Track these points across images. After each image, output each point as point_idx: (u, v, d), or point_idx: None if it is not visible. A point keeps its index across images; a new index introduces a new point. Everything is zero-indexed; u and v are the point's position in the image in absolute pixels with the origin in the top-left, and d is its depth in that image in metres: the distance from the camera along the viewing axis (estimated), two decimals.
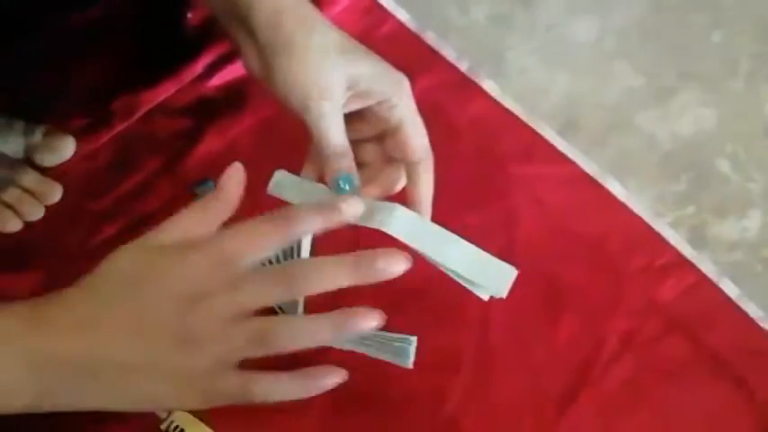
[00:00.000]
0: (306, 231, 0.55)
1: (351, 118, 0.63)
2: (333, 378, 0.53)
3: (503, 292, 0.61)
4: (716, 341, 0.75)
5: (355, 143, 0.64)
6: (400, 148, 0.63)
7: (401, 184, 0.66)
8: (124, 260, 0.54)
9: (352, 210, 0.56)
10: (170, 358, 0.51)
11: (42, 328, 0.51)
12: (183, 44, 0.87)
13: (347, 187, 0.62)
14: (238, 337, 0.51)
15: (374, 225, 0.60)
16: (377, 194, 0.65)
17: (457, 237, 0.61)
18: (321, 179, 0.64)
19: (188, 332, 0.50)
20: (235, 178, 0.59)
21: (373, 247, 0.54)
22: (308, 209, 0.55)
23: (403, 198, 0.64)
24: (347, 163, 0.61)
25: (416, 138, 0.63)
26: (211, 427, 0.69)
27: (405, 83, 0.62)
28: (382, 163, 0.66)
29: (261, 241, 0.53)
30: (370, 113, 0.63)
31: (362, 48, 0.62)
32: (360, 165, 0.64)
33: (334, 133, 0.60)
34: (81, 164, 0.82)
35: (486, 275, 0.61)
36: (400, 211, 0.60)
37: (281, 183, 0.66)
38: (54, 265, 0.77)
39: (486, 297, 0.60)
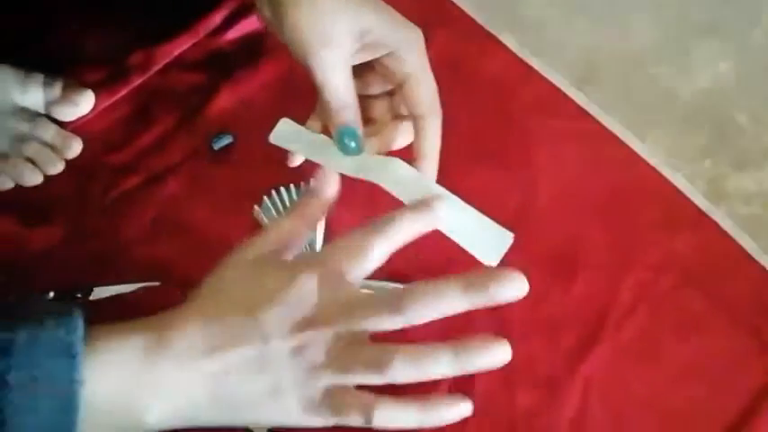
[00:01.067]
0: (406, 238, 0.54)
1: (361, 70, 0.63)
2: (458, 411, 0.52)
3: (495, 259, 0.59)
4: (732, 294, 0.75)
5: (365, 99, 0.64)
6: (406, 101, 0.63)
7: (403, 139, 0.65)
8: (231, 281, 0.53)
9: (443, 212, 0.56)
10: (290, 385, 0.51)
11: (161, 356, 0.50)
12: None
13: (352, 143, 0.61)
14: (355, 365, 0.51)
15: (370, 178, 0.60)
16: (376, 148, 0.64)
17: (455, 198, 0.60)
18: (326, 131, 0.63)
19: (304, 359, 0.50)
20: (328, 182, 0.58)
21: (392, 206, 0.54)
22: (405, 215, 0.54)
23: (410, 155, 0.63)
24: (351, 116, 0.60)
25: (422, 92, 0.62)
26: None
27: (417, 37, 0.62)
28: (392, 120, 0.66)
29: (365, 255, 0.53)
30: (380, 66, 0.63)
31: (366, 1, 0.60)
32: (368, 121, 0.64)
33: (339, 84, 0.59)
34: (99, 118, 0.82)
35: (480, 240, 0.59)
36: (396, 164, 0.60)
37: (284, 132, 0.65)
38: (74, 219, 0.77)
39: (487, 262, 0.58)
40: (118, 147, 0.81)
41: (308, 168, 0.63)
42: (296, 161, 0.65)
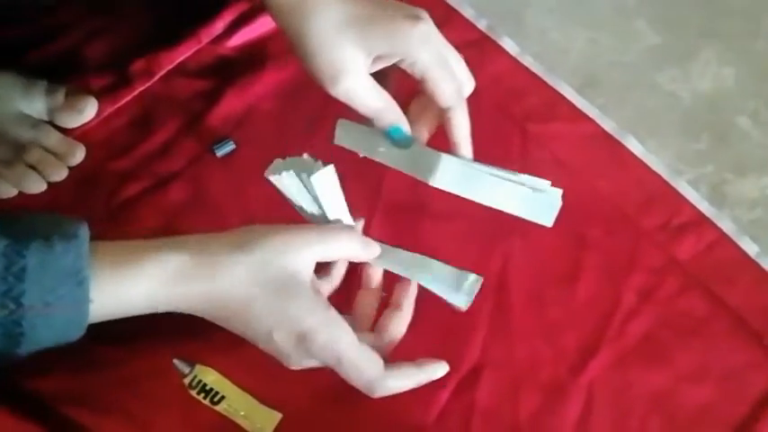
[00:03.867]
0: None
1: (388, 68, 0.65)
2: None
3: (550, 220, 0.66)
4: (735, 299, 0.75)
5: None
6: (429, 97, 0.65)
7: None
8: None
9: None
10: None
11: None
12: (202, 5, 0.87)
13: (401, 138, 0.66)
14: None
15: (419, 177, 0.66)
16: (426, 135, 0.68)
17: (499, 179, 0.66)
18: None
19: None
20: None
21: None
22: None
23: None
24: (390, 118, 0.65)
25: (440, 87, 0.64)
26: (231, 380, 0.70)
27: (419, 33, 0.62)
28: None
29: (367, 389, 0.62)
30: (401, 67, 0.65)
31: (366, 7, 0.63)
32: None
33: (365, 101, 0.63)
34: (102, 125, 0.82)
35: (535, 208, 0.66)
36: (444, 162, 0.65)
37: (344, 133, 0.70)
38: None
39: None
40: (121, 153, 0.81)
41: None
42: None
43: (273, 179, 0.64)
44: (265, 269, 0.58)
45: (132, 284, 0.57)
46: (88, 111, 0.81)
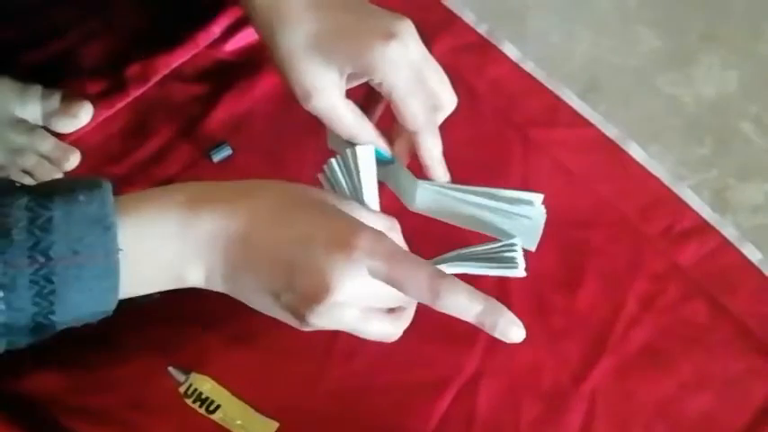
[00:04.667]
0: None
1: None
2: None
3: (533, 245, 0.64)
4: (737, 306, 0.74)
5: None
6: (399, 116, 0.63)
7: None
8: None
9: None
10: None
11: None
12: (199, 9, 0.87)
13: (378, 156, 0.64)
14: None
15: (401, 199, 0.66)
16: (406, 153, 0.66)
17: (477, 206, 0.64)
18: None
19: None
20: None
21: None
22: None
23: None
24: (365, 138, 0.63)
25: (407, 109, 0.62)
26: (227, 388, 0.69)
27: (390, 52, 0.60)
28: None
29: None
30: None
31: (340, 22, 0.61)
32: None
33: (338, 120, 0.62)
34: (98, 130, 0.81)
35: (517, 233, 0.64)
36: (420, 189, 0.64)
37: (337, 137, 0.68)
38: None
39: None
40: (117, 159, 0.80)
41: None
42: None
43: (325, 170, 0.63)
44: (301, 192, 0.57)
45: (161, 215, 0.55)
46: (83, 116, 0.80)
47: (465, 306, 0.54)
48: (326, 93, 0.61)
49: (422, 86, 0.62)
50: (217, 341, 0.59)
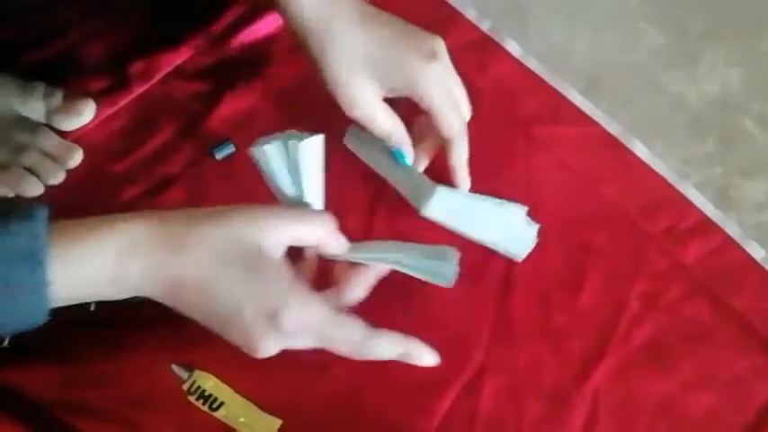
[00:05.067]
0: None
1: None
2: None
3: (523, 256, 0.74)
4: (741, 304, 0.74)
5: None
6: (437, 127, 0.70)
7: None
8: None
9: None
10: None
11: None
12: (200, 8, 0.86)
13: (403, 158, 0.73)
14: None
15: (412, 203, 0.73)
16: (425, 161, 0.75)
17: (486, 215, 0.73)
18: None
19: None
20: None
21: None
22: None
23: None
24: (395, 140, 0.72)
25: (446, 121, 0.69)
26: (231, 385, 0.69)
27: (432, 73, 0.68)
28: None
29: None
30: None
31: (385, 41, 0.68)
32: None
33: (378, 125, 0.70)
34: (100, 127, 0.81)
35: (514, 244, 0.74)
36: (437, 194, 0.71)
37: (353, 138, 0.78)
38: None
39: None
40: (119, 156, 0.80)
41: None
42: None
43: (256, 152, 0.64)
44: (235, 242, 0.56)
45: (92, 260, 0.54)
46: (86, 113, 0.80)
47: (387, 352, 0.59)
48: (370, 104, 0.69)
49: (454, 99, 0.70)
50: (220, 339, 0.59)
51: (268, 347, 0.57)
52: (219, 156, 0.79)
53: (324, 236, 0.62)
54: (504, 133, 0.81)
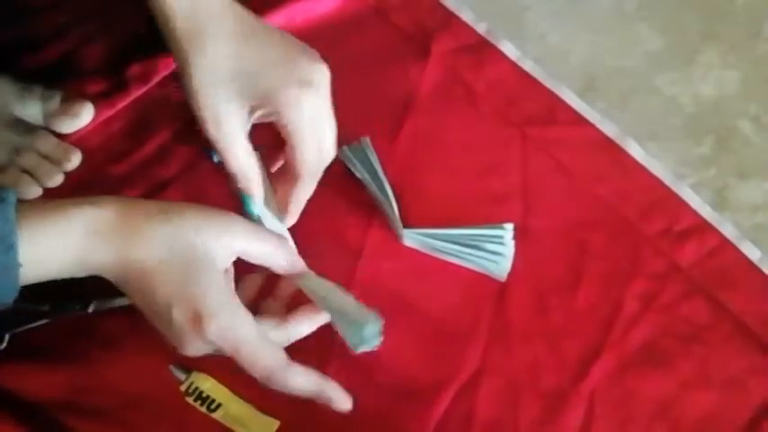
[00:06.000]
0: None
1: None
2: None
3: (502, 275, 0.74)
4: (737, 304, 0.74)
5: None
6: (290, 161, 0.65)
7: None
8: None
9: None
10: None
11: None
12: None
13: (247, 209, 0.67)
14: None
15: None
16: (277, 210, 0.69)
17: (451, 255, 0.73)
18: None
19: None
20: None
21: None
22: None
23: None
24: (244, 184, 0.66)
25: (299, 157, 0.64)
26: (228, 387, 0.69)
27: (303, 103, 0.62)
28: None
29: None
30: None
31: (260, 58, 0.62)
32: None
33: (229, 156, 0.64)
34: (98, 130, 0.81)
35: (487, 265, 0.73)
36: (407, 237, 0.72)
37: (353, 153, 0.76)
38: None
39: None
40: (117, 159, 0.80)
41: None
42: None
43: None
44: (182, 242, 0.57)
45: (59, 239, 0.55)
46: (84, 116, 0.80)
47: (300, 386, 0.60)
48: (230, 124, 0.63)
49: (318, 136, 0.64)
50: None
51: (196, 348, 0.58)
52: (217, 158, 0.79)
53: (276, 257, 0.62)
54: (500, 135, 0.82)
